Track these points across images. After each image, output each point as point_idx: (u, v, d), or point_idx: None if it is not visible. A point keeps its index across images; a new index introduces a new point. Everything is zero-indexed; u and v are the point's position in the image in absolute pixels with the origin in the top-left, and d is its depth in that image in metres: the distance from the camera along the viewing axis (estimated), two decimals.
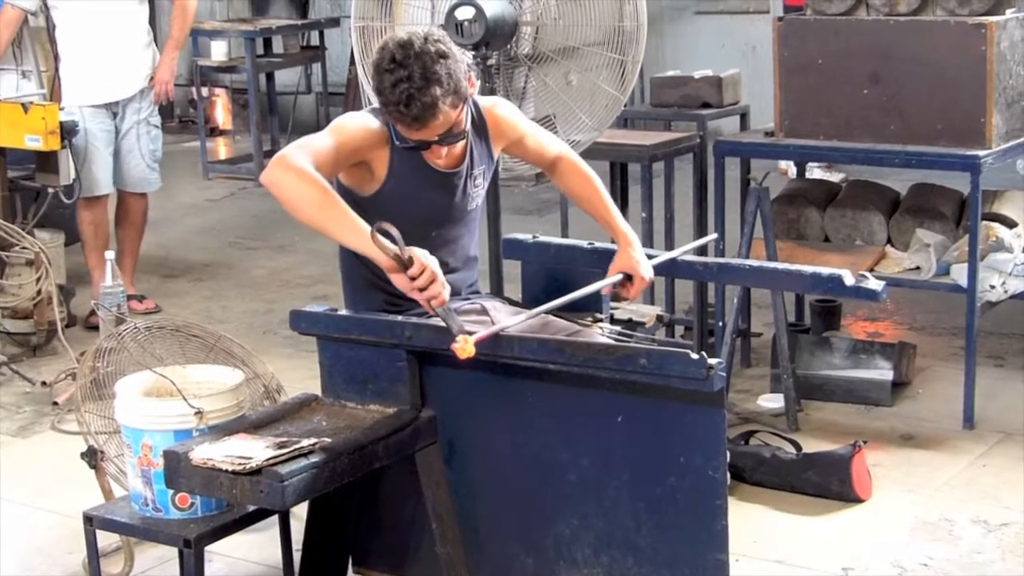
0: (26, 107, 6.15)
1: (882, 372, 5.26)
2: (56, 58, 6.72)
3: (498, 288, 4.67)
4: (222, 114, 11.70)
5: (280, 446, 3.25)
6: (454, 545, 3.57)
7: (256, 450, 3.24)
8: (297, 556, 3.72)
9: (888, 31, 5.04)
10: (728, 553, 3.24)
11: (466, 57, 3.54)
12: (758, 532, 4.26)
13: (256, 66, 9.86)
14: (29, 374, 5.80)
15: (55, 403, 5.40)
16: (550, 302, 3.56)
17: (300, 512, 3.72)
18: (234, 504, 3.54)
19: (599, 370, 3.24)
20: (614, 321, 3.90)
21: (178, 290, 7.20)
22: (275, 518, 3.80)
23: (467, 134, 3.60)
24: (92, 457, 3.87)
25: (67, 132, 6.15)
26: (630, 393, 3.26)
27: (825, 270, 3.81)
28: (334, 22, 10.75)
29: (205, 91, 10.81)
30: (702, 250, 4.51)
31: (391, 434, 3.42)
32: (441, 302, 3.33)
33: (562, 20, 4.57)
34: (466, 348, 3.22)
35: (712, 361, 3.10)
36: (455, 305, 3.63)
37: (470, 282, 3.83)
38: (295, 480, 3.15)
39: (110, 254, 5.12)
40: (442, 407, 3.54)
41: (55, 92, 6.77)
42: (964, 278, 4.93)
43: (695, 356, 3.10)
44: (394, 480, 3.61)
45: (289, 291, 7.08)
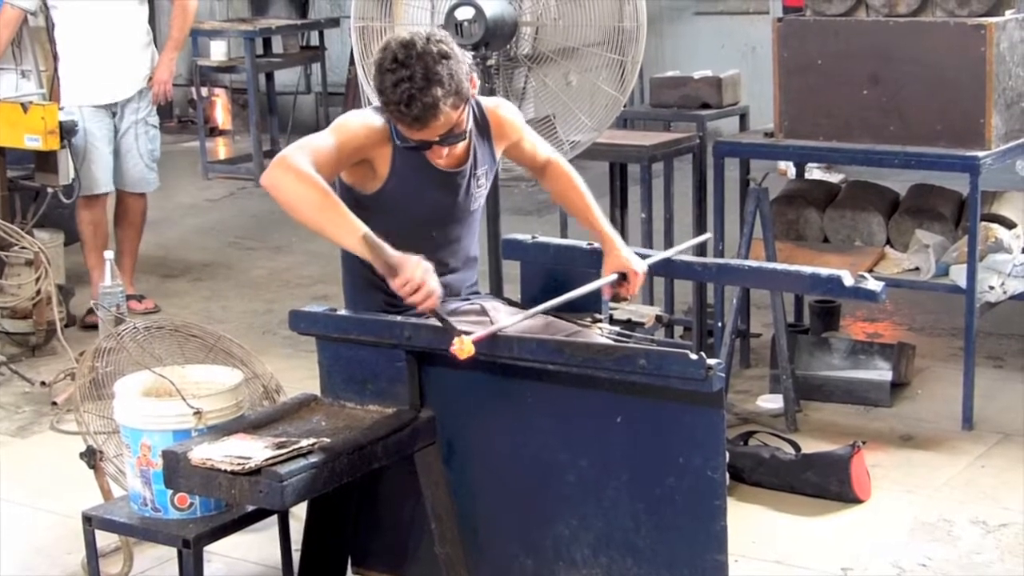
0: (25, 107, 6.15)
1: (881, 373, 5.26)
2: (55, 58, 6.71)
3: (497, 288, 4.68)
4: (222, 114, 11.69)
5: (279, 446, 3.25)
6: (453, 545, 3.57)
7: (255, 450, 3.24)
8: (296, 556, 3.72)
9: (888, 32, 5.04)
10: (727, 553, 3.24)
11: (468, 57, 3.54)
12: (757, 532, 4.26)
13: (256, 66, 9.85)
14: (28, 374, 5.79)
15: (54, 403, 5.40)
16: (546, 302, 3.56)
17: (299, 512, 3.71)
18: (233, 504, 3.54)
19: (598, 370, 3.24)
20: (613, 321, 3.90)
21: (177, 290, 7.19)
22: (274, 518, 3.79)
23: (468, 135, 3.60)
24: (91, 457, 3.87)
25: (66, 132, 6.15)
26: (629, 394, 3.26)
27: (824, 271, 3.82)
28: (334, 22, 10.74)
29: (205, 91, 10.80)
30: (701, 250, 4.51)
31: (390, 434, 3.41)
32: (430, 307, 3.33)
33: (562, 20, 4.57)
34: (465, 348, 3.22)
35: (711, 361, 3.10)
36: (454, 305, 3.63)
37: (470, 282, 3.83)
38: (294, 480, 3.15)
39: (109, 254, 5.11)
40: (441, 407, 3.54)
41: (54, 92, 6.77)
42: (963, 279, 4.93)
43: (694, 356, 3.10)
44: (393, 480, 3.61)
45: (288, 291, 7.08)
